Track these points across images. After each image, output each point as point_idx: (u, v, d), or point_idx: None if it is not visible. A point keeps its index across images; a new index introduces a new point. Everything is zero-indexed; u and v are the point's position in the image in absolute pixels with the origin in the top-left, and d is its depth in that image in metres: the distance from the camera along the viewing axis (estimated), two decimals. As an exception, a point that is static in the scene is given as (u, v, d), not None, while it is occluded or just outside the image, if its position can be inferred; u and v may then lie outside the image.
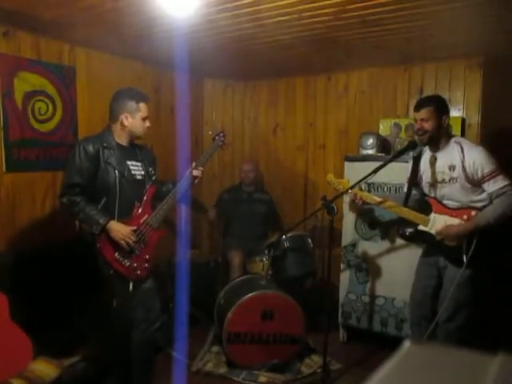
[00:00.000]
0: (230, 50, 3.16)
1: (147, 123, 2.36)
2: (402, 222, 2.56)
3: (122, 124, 2.31)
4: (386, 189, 3.09)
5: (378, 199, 2.58)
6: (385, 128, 3.49)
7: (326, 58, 3.42)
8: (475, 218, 2.27)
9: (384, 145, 3.38)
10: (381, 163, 2.50)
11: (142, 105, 2.33)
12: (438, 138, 2.38)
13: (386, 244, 3.12)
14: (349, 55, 3.31)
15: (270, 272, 3.17)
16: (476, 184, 2.29)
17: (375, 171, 2.47)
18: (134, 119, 2.31)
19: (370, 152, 3.27)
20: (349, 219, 3.27)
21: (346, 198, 3.16)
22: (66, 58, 3.03)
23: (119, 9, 2.33)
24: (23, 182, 2.81)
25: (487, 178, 2.24)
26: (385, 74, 3.70)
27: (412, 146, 2.48)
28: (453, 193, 2.36)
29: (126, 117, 2.30)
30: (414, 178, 2.55)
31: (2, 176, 2.69)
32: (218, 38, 2.84)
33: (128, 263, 2.27)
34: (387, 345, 1.86)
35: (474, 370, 0.52)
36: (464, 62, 3.33)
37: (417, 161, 2.54)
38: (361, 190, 2.72)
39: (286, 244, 3.29)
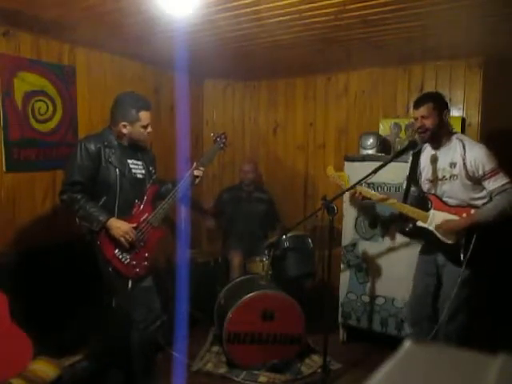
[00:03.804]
0: (230, 50, 3.15)
1: (148, 129, 2.35)
2: (402, 219, 2.56)
3: (120, 131, 2.31)
4: (386, 189, 3.09)
5: (378, 195, 2.59)
6: (385, 128, 3.49)
7: (325, 58, 3.42)
8: (475, 214, 2.27)
9: (384, 145, 3.37)
10: (381, 163, 2.50)
11: (142, 114, 2.30)
12: (440, 134, 2.38)
13: (386, 244, 3.12)
14: (349, 55, 3.31)
15: (270, 272, 3.18)
16: (476, 181, 2.29)
17: (375, 171, 2.47)
18: (133, 128, 2.31)
19: (370, 152, 3.27)
20: (349, 219, 3.27)
21: (346, 198, 3.16)
22: (66, 58, 3.03)
23: (119, 9, 2.33)
24: (23, 182, 2.81)
25: (488, 175, 2.24)
26: (385, 74, 3.69)
27: (412, 145, 2.48)
28: (453, 190, 2.36)
29: (125, 125, 2.30)
30: (414, 175, 2.55)
31: (2, 176, 2.69)
32: (217, 37, 2.84)
33: (127, 261, 2.28)
34: (387, 345, 1.86)
35: (475, 371, 0.52)
36: (464, 61, 3.33)
37: (416, 157, 2.54)
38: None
39: (286, 244, 3.29)
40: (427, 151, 2.50)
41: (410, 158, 2.58)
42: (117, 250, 2.26)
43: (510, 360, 0.51)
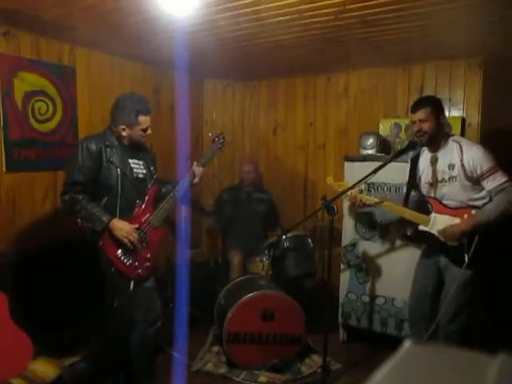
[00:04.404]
0: (230, 50, 3.16)
1: (148, 131, 2.35)
2: (402, 223, 2.56)
3: (119, 133, 2.31)
4: (386, 189, 3.09)
5: (377, 200, 2.59)
6: (385, 128, 3.49)
7: (325, 58, 3.42)
8: (476, 215, 2.28)
9: (384, 145, 3.37)
10: (381, 163, 2.51)
11: (141, 118, 2.29)
12: (437, 137, 2.40)
13: (385, 244, 3.12)
14: (349, 55, 3.31)
15: (270, 272, 3.18)
16: (475, 182, 2.30)
17: (375, 171, 2.47)
18: (132, 131, 2.30)
19: (370, 152, 3.27)
20: (349, 219, 3.27)
21: (346, 201, 3.16)
22: (66, 58, 3.03)
23: (119, 9, 2.33)
24: (23, 182, 2.81)
25: (486, 175, 2.25)
26: (385, 74, 3.69)
27: (412, 146, 2.49)
28: (453, 192, 2.37)
29: (124, 129, 2.29)
30: (413, 180, 2.56)
31: (2, 176, 2.69)
32: (217, 37, 2.84)
33: (129, 262, 2.28)
34: (387, 345, 1.86)
35: (475, 371, 0.52)
36: (464, 61, 3.33)
37: (415, 162, 2.55)
38: (361, 192, 2.72)
39: (286, 244, 3.30)
40: (425, 155, 2.51)
41: (409, 163, 2.59)
42: (119, 251, 2.25)
43: (510, 360, 0.51)
